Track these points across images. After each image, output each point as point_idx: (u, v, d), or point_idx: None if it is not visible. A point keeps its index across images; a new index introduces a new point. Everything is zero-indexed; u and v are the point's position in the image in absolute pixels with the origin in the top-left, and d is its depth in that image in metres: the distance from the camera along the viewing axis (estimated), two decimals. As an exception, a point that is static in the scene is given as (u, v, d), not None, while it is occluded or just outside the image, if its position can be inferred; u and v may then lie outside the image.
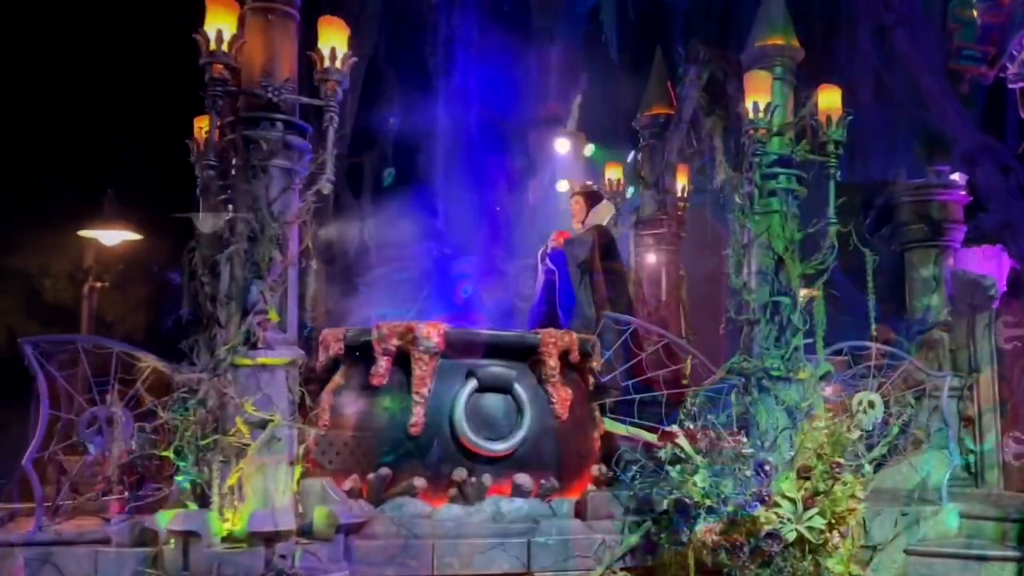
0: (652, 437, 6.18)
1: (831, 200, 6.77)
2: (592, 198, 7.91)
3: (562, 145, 13.82)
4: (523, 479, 5.90)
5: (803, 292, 6.48)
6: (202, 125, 6.92)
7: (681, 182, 8.44)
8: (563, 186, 8.22)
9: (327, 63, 5.62)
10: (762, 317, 6.56)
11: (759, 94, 6.60)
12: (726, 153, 7.21)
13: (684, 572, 5.48)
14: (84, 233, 10.38)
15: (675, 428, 5.66)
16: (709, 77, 7.64)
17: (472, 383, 5.92)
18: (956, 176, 9.37)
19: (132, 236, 10.46)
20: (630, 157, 8.80)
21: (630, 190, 8.62)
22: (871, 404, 7.33)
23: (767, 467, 5.36)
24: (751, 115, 6.56)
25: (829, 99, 6.84)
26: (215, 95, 5.51)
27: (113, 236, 10.44)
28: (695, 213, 8.81)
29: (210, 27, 5.53)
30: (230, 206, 5.61)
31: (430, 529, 5.56)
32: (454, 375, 5.96)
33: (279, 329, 5.53)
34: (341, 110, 5.82)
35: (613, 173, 8.50)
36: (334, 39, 5.68)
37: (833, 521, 5.41)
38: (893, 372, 7.54)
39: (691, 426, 5.71)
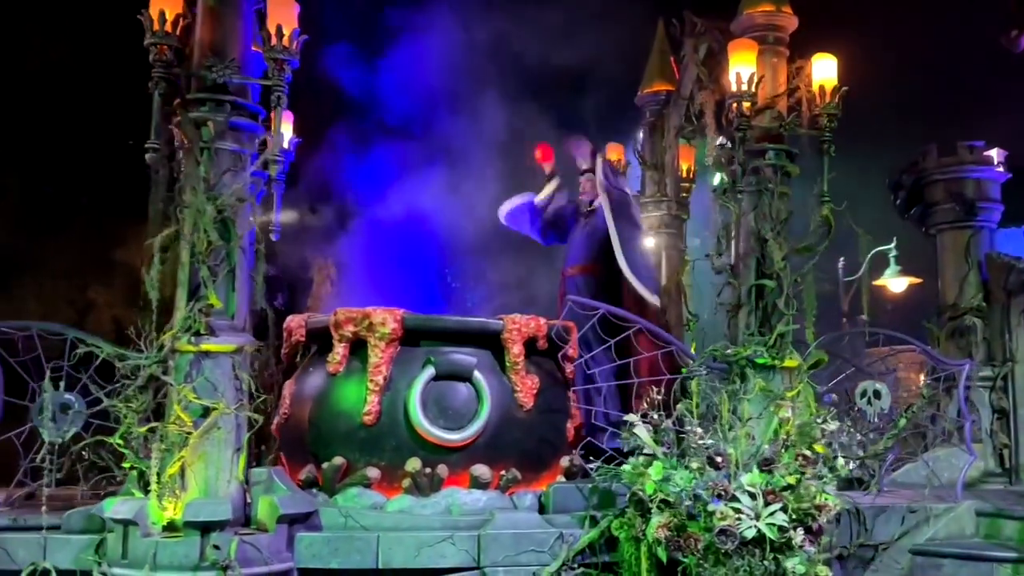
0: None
1: (824, 176, 6.38)
2: (594, 156, 7.56)
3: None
4: (481, 470, 5.68)
5: None
6: None
7: (685, 163, 8.08)
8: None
9: (275, 41, 5.49)
10: (747, 302, 6.21)
11: (743, 64, 6.24)
12: (720, 130, 6.85)
13: (655, 568, 5.17)
14: None
15: (634, 417, 5.36)
16: (708, 50, 7.26)
17: (429, 371, 5.72)
18: (994, 152, 8.79)
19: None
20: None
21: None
22: (877, 394, 6.90)
23: (719, 459, 5.03)
24: (734, 87, 6.20)
25: (824, 70, 6.45)
26: (159, 77, 5.43)
27: None
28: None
29: (154, 8, 5.46)
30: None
31: (377, 521, 5.39)
32: (412, 363, 5.77)
33: (225, 315, 5.44)
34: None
35: (614, 154, 8.19)
36: (282, 17, 5.53)
37: (799, 518, 5.04)
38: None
39: (657, 416, 5.40)
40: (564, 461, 6.03)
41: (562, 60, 9.69)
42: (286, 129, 7.47)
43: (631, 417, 5.36)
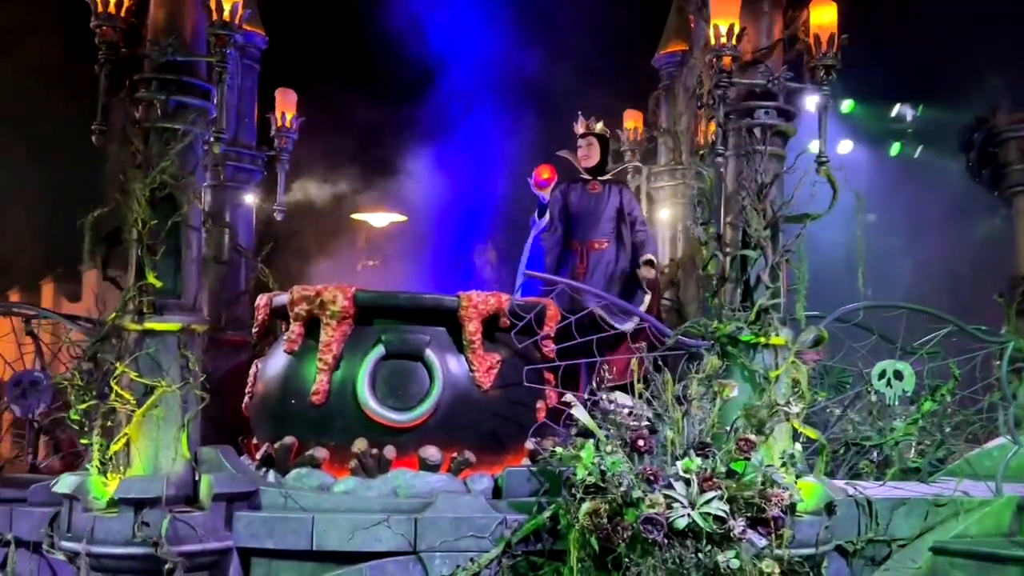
0: None
1: (822, 133, 5.82)
2: (606, 145, 7.21)
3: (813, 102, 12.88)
4: (430, 452, 5.48)
5: None
6: None
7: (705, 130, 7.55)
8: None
9: (215, 17, 5.45)
10: (732, 274, 5.74)
11: (725, 15, 5.74)
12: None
13: (589, 557, 4.85)
14: (356, 216, 11.07)
15: (570, 396, 5.03)
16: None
17: (379, 350, 5.56)
18: (1074, 105, 7.85)
19: (399, 218, 10.99)
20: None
21: None
22: (898, 374, 6.26)
23: (640, 443, 4.63)
24: (712, 41, 5.72)
25: (822, 16, 5.88)
26: (105, 59, 5.48)
27: (382, 218, 11.20)
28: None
29: (101, -11, 5.51)
30: None
31: (316, 502, 5.28)
32: (365, 341, 5.63)
33: (172, 295, 5.45)
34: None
35: (631, 121, 7.76)
36: (229, -8, 5.49)
37: (740, 509, 4.60)
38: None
39: (608, 396, 5.04)
40: (530, 444, 5.74)
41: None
42: (288, 108, 7.48)
43: (570, 397, 5.03)
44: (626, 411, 4.74)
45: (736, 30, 5.68)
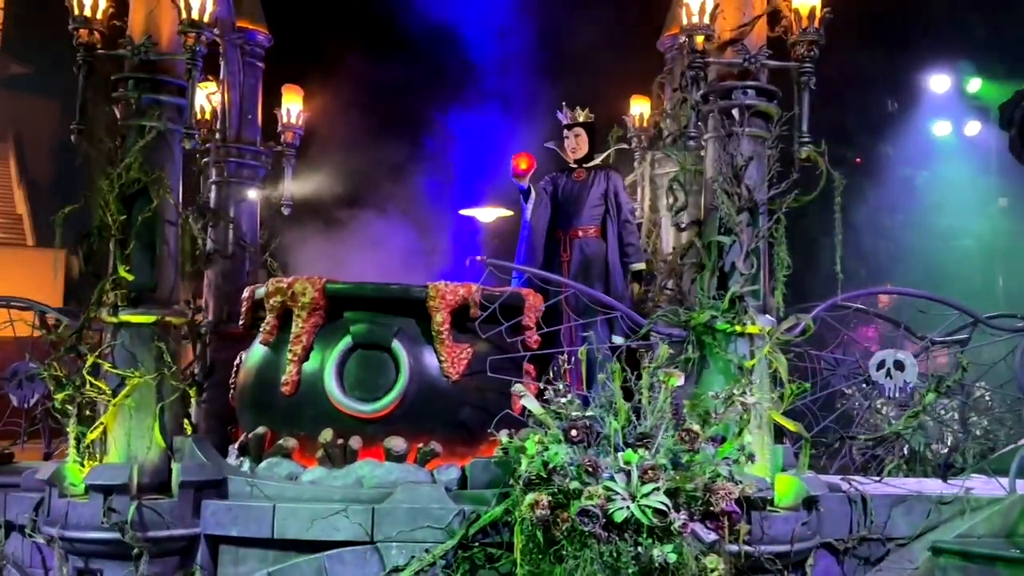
0: None
1: (803, 113, 5.57)
2: (593, 132, 7.10)
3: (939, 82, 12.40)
4: (395, 443, 5.47)
5: None
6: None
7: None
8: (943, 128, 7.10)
9: (184, 16, 5.56)
10: (707, 261, 5.54)
11: (698, -7, 5.54)
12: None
13: (535, 550, 4.75)
14: (464, 212, 11.40)
15: (519, 387, 4.93)
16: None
17: (347, 341, 5.58)
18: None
19: (506, 213, 11.23)
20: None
21: None
22: (899, 365, 5.95)
23: (574, 433, 4.50)
24: (684, 20, 5.54)
25: (804, -9, 5.62)
26: (83, 60, 5.65)
27: (490, 213, 11.51)
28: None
29: (79, -8, 5.68)
30: None
31: (280, 491, 5.34)
32: (335, 332, 5.66)
33: (148, 288, 5.59)
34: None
35: (638, 107, 7.58)
36: (194, -10, 5.59)
37: (685, 502, 4.43)
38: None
39: (560, 387, 4.93)
40: (503, 435, 5.65)
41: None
42: (295, 104, 7.58)
43: (517, 388, 4.95)
44: (564, 401, 4.63)
45: (709, 8, 5.48)
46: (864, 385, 6.37)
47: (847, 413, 6.76)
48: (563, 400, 4.63)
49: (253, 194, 7.23)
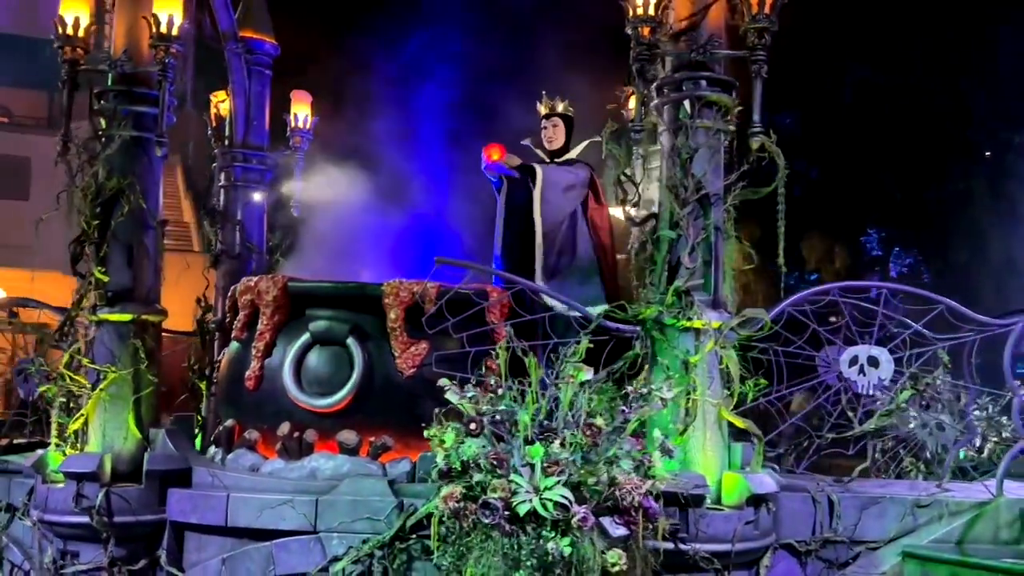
0: None
1: (756, 102, 5.41)
2: (571, 126, 7.07)
3: None
4: (347, 436, 5.61)
5: None
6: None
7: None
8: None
9: (154, 30, 5.87)
10: (658, 256, 5.46)
11: (644, -17, 5.46)
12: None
13: (451, 541, 4.78)
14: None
15: (446, 381, 4.96)
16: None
17: (305, 336, 5.77)
18: None
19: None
20: None
21: None
22: (873, 361, 5.71)
23: (472, 426, 4.50)
24: (630, 12, 5.47)
25: (757, -24, 5.46)
26: (67, 76, 6.03)
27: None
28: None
29: (67, 13, 6.06)
30: None
31: (236, 482, 5.56)
32: (297, 329, 5.86)
33: (124, 288, 5.93)
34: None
35: (634, 100, 7.46)
36: (168, 6, 5.89)
37: (590, 496, 4.39)
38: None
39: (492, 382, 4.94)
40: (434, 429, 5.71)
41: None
42: (304, 110, 7.86)
43: (443, 382, 4.99)
44: (472, 395, 4.64)
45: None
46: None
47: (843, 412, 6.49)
48: (471, 394, 4.65)
49: (259, 197, 7.53)
